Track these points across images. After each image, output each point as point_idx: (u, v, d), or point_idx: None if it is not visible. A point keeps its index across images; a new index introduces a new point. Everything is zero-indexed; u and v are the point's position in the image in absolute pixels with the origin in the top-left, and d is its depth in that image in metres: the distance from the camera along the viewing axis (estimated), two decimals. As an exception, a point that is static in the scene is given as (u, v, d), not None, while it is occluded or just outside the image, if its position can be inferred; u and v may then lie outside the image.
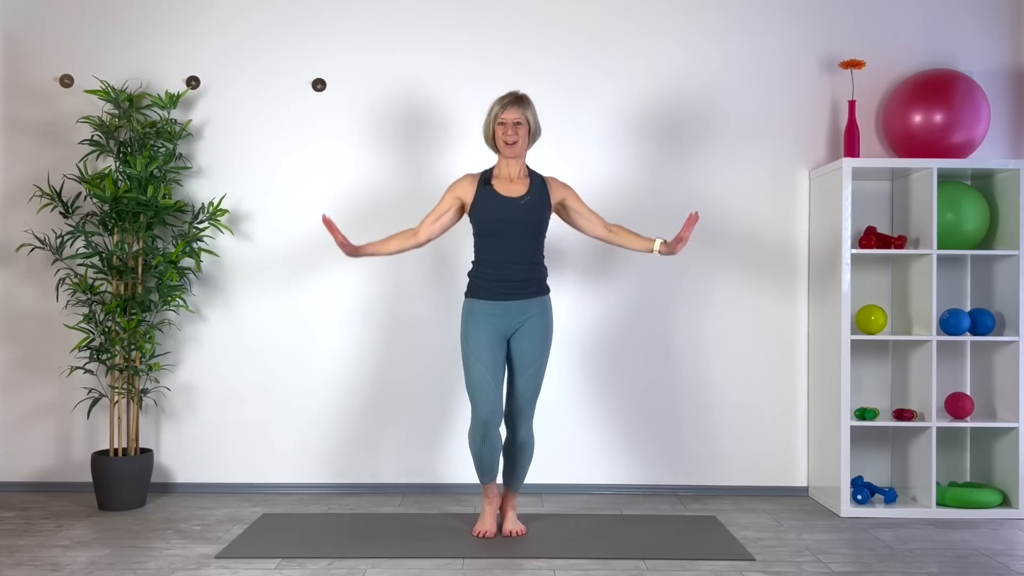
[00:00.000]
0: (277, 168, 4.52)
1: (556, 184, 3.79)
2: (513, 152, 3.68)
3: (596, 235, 3.82)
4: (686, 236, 3.70)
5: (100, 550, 3.59)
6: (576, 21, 4.51)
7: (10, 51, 4.53)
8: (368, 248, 3.79)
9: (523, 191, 3.68)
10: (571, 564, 3.43)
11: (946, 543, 3.74)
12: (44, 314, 4.50)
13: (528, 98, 3.72)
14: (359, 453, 4.52)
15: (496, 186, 3.69)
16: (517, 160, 3.71)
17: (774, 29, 4.54)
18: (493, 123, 3.68)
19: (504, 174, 3.73)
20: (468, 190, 3.73)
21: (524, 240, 3.68)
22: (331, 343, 4.52)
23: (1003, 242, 4.28)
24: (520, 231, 3.66)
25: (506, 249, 3.66)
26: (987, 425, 4.19)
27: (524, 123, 3.67)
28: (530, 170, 3.77)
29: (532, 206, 3.67)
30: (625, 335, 4.53)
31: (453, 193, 3.75)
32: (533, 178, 3.74)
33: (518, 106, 3.66)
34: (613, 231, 3.82)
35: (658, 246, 3.75)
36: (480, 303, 3.69)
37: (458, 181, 3.78)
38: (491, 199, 3.67)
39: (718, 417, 4.52)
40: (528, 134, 3.70)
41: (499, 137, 3.67)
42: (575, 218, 3.81)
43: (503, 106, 3.66)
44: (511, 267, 3.67)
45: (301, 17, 4.53)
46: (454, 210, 3.76)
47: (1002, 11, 4.55)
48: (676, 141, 4.51)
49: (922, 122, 4.28)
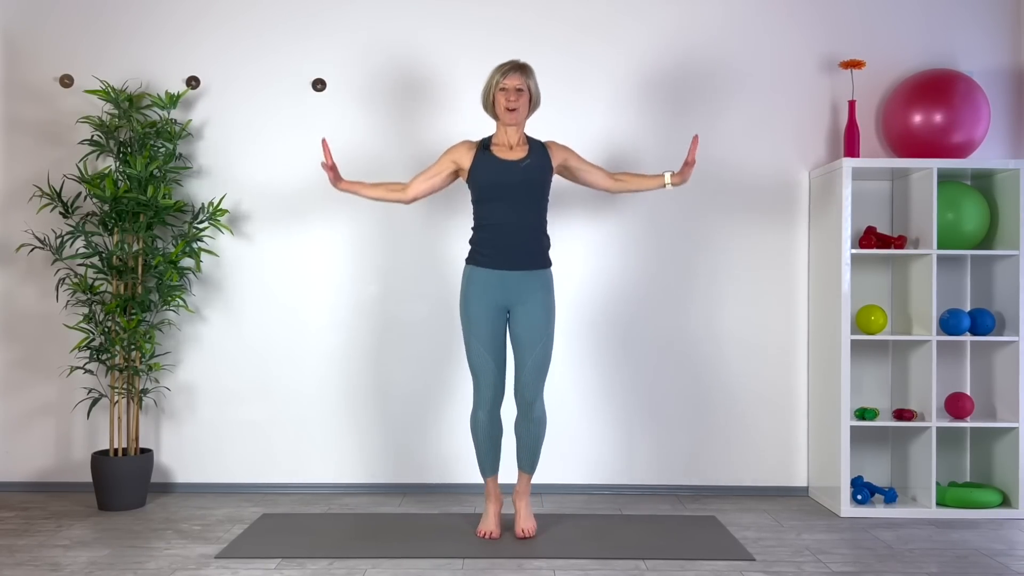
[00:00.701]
0: (277, 168, 4.52)
1: (556, 147, 3.79)
2: (513, 119, 3.66)
3: (604, 187, 3.83)
4: (692, 159, 3.74)
5: (100, 550, 3.59)
6: (574, 16, 4.51)
7: (10, 51, 4.54)
8: (353, 185, 3.79)
9: (523, 155, 3.69)
10: (571, 564, 3.43)
11: (946, 543, 3.74)
12: (44, 314, 4.50)
13: (529, 66, 3.71)
14: (359, 453, 4.52)
15: (495, 152, 3.69)
16: (516, 128, 3.71)
17: (774, 29, 4.54)
18: (494, 89, 3.67)
19: (503, 141, 3.72)
20: (466, 155, 3.72)
21: (525, 204, 3.66)
22: (331, 343, 4.52)
23: (1003, 242, 4.28)
24: (521, 194, 3.65)
25: (507, 213, 3.65)
26: (987, 425, 4.19)
27: (525, 90, 3.67)
28: (529, 137, 3.77)
29: (532, 168, 3.66)
30: (624, 336, 4.52)
31: (449, 156, 3.75)
32: (532, 143, 3.74)
33: (519, 73, 3.66)
34: (619, 179, 3.83)
35: (668, 178, 3.78)
36: (480, 271, 3.68)
37: (456, 146, 3.77)
38: (490, 163, 3.67)
39: (718, 417, 4.52)
40: (529, 102, 3.70)
41: (500, 103, 3.66)
42: (580, 175, 3.81)
43: (504, 73, 3.65)
44: (512, 232, 3.65)
45: (301, 17, 4.53)
46: (447, 173, 3.75)
47: (1002, 11, 4.55)
48: (676, 142, 4.51)
49: (922, 122, 4.28)
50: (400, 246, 4.51)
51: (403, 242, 4.52)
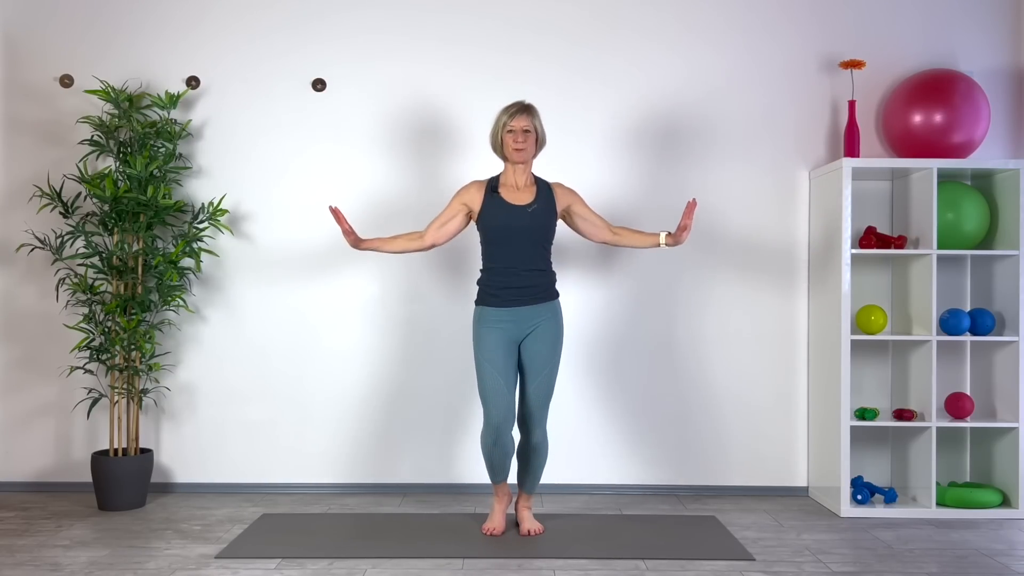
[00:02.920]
0: (277, 168, 4.52)
1: (561, 190, 3.81)
2: (521, 158, 3.70)
3: (602, 239, 3.85)
4: (688, 223, 3.75)
5: (100, 550, 3.59)
6: (574, 26, 4.51)
7: (10, 51, 4.54)
8: (373, 243, 3.79)
9: (530, 199, 3.71)
10: (571, 564, 3.43)
11: (946, 543, 3.74)
12: (44, 314, 4.50)
13: (535, 107, 3.76)
14: (359, 453, 4.52)
15: (503, 194, 3.72)
16: (524, 167, 3.74)
17: (774, 30, 4.54)
18: (502, 131, 3.70)
19: (511, 182, 3.75)
20: (475, 197, 3.75)
21: (531, 248, 3.70)
22: (331, 343, 4.52)
23: (1003, 242, 4.28)
24: (527, 239, 3.68)
25: (513, 257, 3.68)
26: (987, 425, 4.19)
27: (532, 131, 3.70)
28: (536, 177, 3.79)
29: (539, 214, 3.70)
30: (626, 336, 4.53)
31: (460, 199, 3.77)
32: (539, 185, 3.77)
33: (526, 114, 3.70)
34: (618, 233, 3.85)
35: (663, 239, 3.79)
36: (491, 310, 3.71)
37: (465, 188, 3.80)
38: (498, 207, 3.69)
39: (718, 417, 4.52)
40: (535, 142, 3.73)
41: (508, 144, 3.69)
42: (580, 224, 3.83)
43: (511, 115, 3.69)
44: (519, 274, 3.69)
45: (301, 17, 4.53)
46: (461, 216, 3.78)
47: (1002, 11, 4.55)
48: (676, 142, 4.51)
49: (922, 122, 4.28)
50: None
51: (403, 242, 4.52)
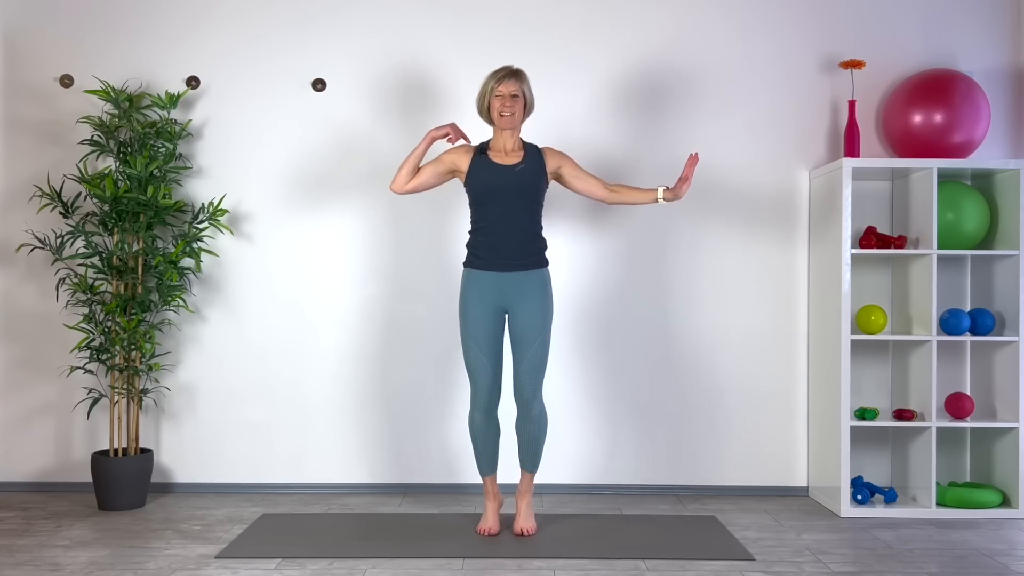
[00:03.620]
0: (277, 168, 4.52)
1: (551, 152, 3.82)
2: (509, 124, 3.70)
3: (598, 196, 3.84)
4: (689, 175, 3.74)
5: (100, 550, 3.59)
6: (571, 21, 4.51)
7: (10, 51, 4.54)
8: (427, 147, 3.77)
9: (518, 160, 3.72)
10: (571, 564, 3.43)
11: (946, 543, 3.74)
12: (44, 314, 4.50)
13: (523, 72, 3.75)
14: (359, 453, 4.52)
15: (491, 156, 3.74)
16: (512, 133, 3.75)
17: (773, 29, 4.54)
18: (489, 95, 3.71)
19: (499, 146, 3.76)
20: (464, 158, 3.77)
21: (520, 207, 3.70)
22: (331, 343, 4.52)
23: (1003, 242, 4.28)
24: (515, 198, 3.68)
25: (502, 216, 3.69)
26: (987, 425, 4.19)
27: (520, 96, 3.70)
28: (524, 142, 3.80)
29: (526, 172, 3.70)
30: (626, 336, 4.52)
31: (450, 156, 3.79)
32: (528, 148, 3.78)
33: (514, 79, 3.69)
34: (614, 190, 3.84)
35: (661, 193, 3.79)
36: (477, 274, 3.72)
37: (454, 148, 3.82)
38: (485, 167, 3.71)
39: (718, 417, 4.52)
40: (524, 107, 3.73)
41: (495, 109, 3.69)
42: (574, 182, 3.82)
43: (499, 79, 3.69)
44: (507, 234, 3.69)
45: (301, 18, 4.53)
46: (445, 172, 3.80)
47: (1002, 11, 4.55)
48: (677, 142, 4.51)
49: (922, 122, 4.28)
50: (401, 246, 4.51)
51: (404, 242, 4.52)
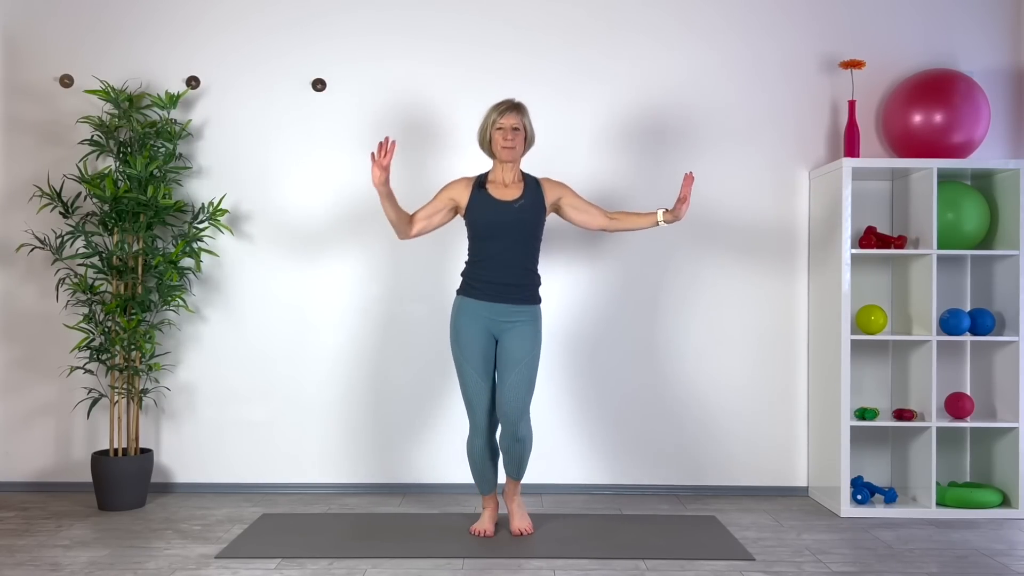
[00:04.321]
0: (277, 168, 4.52)
1: (549, 184, 3.81)
2: (510, 157, 3.70)
3: (599, 226, 3.83)
4: (686, 195, 3.73)
5: (100, 550, 3.59)
6: (574, 25, 4.51)
7: (10, 51, 4.54)
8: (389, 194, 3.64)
9: (517, 194, 3.71)
10: (571, 564, 3.43)
11: (946, 543, 3.74)
12: (44, 314, 4.50)
13: (524, 105, 3.75)
14: (359, 453, 4.52)
15: (490, 190, 3.73)
16: (512, 165, 3.74)
17: (774, 29, 4.54)
18: (491, 128, 3.70)
19: (499, 179, 3.75)
20: (463, 193, 3.75)
21: (518, 244, 3.70)
22: (331, 343, 4.52)
23: (1003, 242, 4.28)
24: (514, 234, 3.68)
25: (500, 252, 3.68)
26: (987, 425, 4.19)
27: (521, 129, 3.71)
28: (524, 174, 3.80)
29: (525, 208, 3.70)
30: (625, 335, 4.52)
31: (448, 194, 3.77)
32: (527, 181, 3.77)
33: (516, 112, 3.70)
34: (615, 218, 3.84)
35: (661, 216, 3.78)
36: (470, 302, 3.72)
37: (453, 183, 3.80)
38: (485, 203, 3.70)
39: (718, 417, 4.52)
40: (524, 140, 3.73)
41: (497, 142, 3.69)
42: (574, 214, 3.82)
43: (501, 112, 3.69)
44: (504, 271, 3.69)
45: (301, 18, 4.53)
46: (447, 211, 3.78)
47: (1002, 11, 4.55)
48: (676, 142, 4.51)
49: (922, 122, 4.28)
50: (401, 247, 4.51)
51: (404, 243, 4.51)
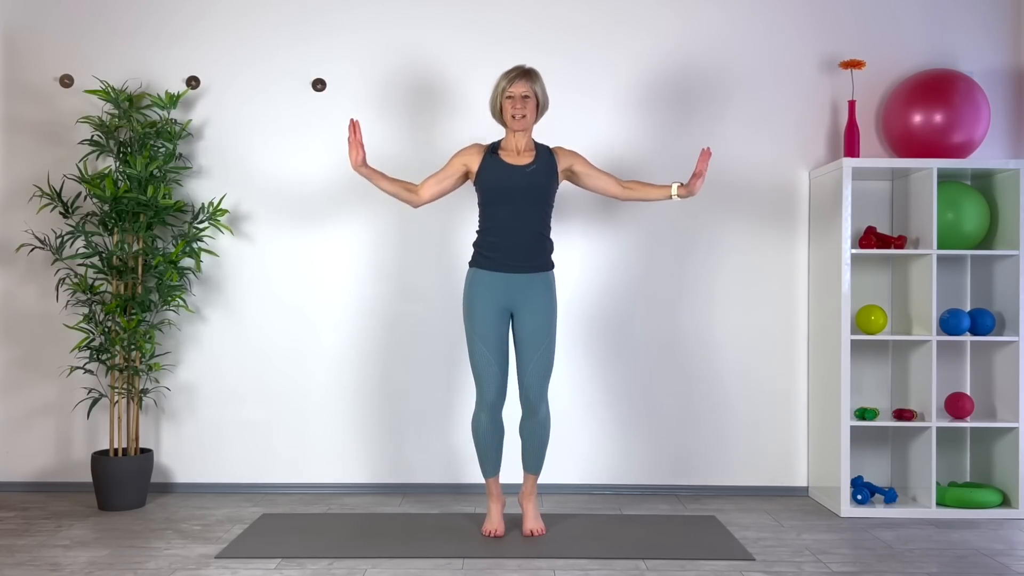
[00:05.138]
0: (277, 168, 4.52)
1: (562, 152, 3.80)
2: (521, 125, 3.68)
3: (612, 193, 3.82)
4: (702, 170, 3.71)
5: (100, 550, 3.59)
6: (576, 21, 4.51)
7: (10, 51, 4.54)
8: (372, 172, 3.71)
9: (529, 160, 3.70)
10: (571, 564, 3.43)
11: (946, 543, 3.74)
12: (44, 314, 4.50)
13: (536, 71, 3.71)
14: (359, 453, 4.52)
15: (503, 156, 3.71)
16: (524, 133, 3.72)
17: (774, 29, 4.54)
18: (501, 97, 3.68)
19: (511, 146, 3.74)
20: (475, 158, 3.73)
21: (530, 208, 3.67)
22: (331, 343, 4.52)
23: (1003, 242, 4.28)
24: (525, 198, 3.66)
25: (511, 217, 3.66)
26: (987, 425, 4.19)
27: (532, 96, 3.67)
28: (536, 143, 3.78)
29: (538, 173, 3.68)
30: (625, 336, 4.53)
31: (459, 159, 3.76)
32: (539, 149, 3.76)
33: (526, 79, 3.66)
34: (628, 187, 3.83)
35: (675, 190, 3.77)
36: (483, 273, 3.69)
37: (465, 148, 3.79)
38: (497, 167, 3.68)
39: (718, 417, 4.52)
40: (536, 107, 3.70)
41: (507, 111, 3.67)
42: (587, 180, 3.81)
43: (511, 80, 3.66)
44: (516, 235, 3.67)
45: (301, 17, 4.53)
46: (458, 176, 3.76)
47: (1002, 11, 4.55)
48: (677, 142, 4.51)
49: (922, 122, 4.28)
50: (402, 246, 4.51)
51: (405, 242, 4.52)
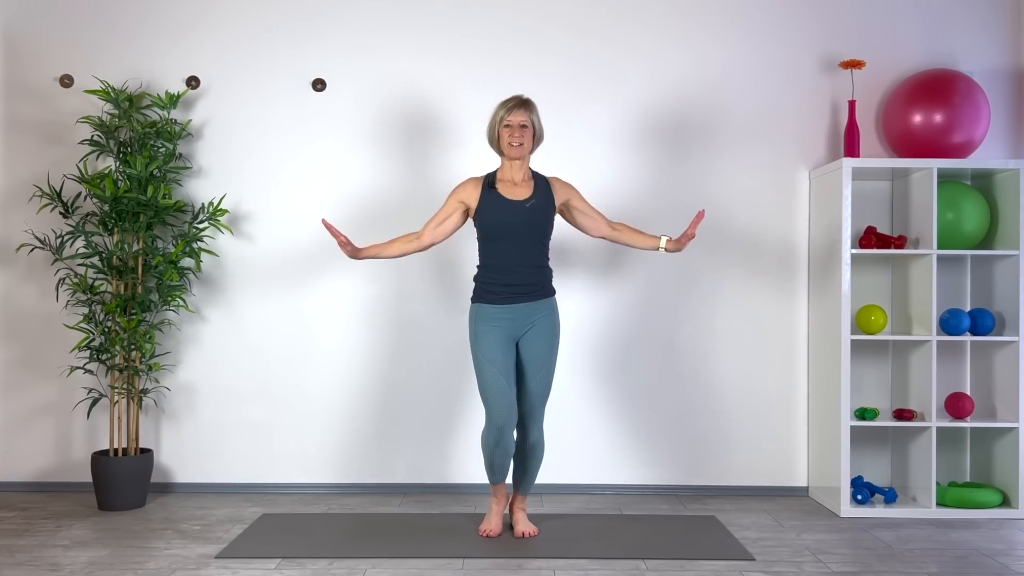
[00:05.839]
0: (277, 168, 4.52)
1: (559, 184, 3.79)
2: (518, 154, 3.67)
3: (600, 234, 3.83)
4: (693, 233, 3.73)
5: (100, 550, 3.59)
6: (576, 22, 4.51)
7: (10, 51, 4.54)
8: (370, 250, 3.79)
9: (528, 194, 3.68)
10: (571, 564, 3.43)
11: (946, 543, 3.74)
12: (44, 314, 4.50)
13: (532, 102, 3.72)
14: (359, 453, 4.52)
15: (500, 190, 3.69)
16: (521, 163, 3.71)
17: (774, 29, 4.54)
18: (498, 126, 3.68)
19: (508, 177, 3.72)
20: (472, 194, 3.72)
21: (530, 243, 3.67)
22: (331, 343, 4.52)
23: (1003, 242, 4.28)
24: (526, 234, 3.66)
25: (512, 253, 3.66)
26: (987, 425, 4.19)
27: (529, 126, 3.67)
28: (533, 172, 3.77)
29: (537, 209, 3.67)
30: (626, 336, 4.52)
31: (457, 197, 3.74)
32: (537, 180, 3.74)
33: (524, 109, 3.67)
34: (617, 229, 3.83)
35: (664, 243, 3.77)
36: (488, 307, 3.68)
37: (461, 185, 3.77)
38: (496, 203, 3.67)
39: (718, 417, 4.52)
40: (533, 137, 3.70)
41: (505, 140, 3.67)
42: (579, 218, 3.81)
43: (508, 109, 3.66)
44: (517, 271, 3.67)
45: (301, 17, 4.53)
46: (458, 214, 3.75)
47: (1002, 11, 4.55)
48: (677, 142, 4.51)
49: (922, 122, 4.28)
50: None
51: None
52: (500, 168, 3.76)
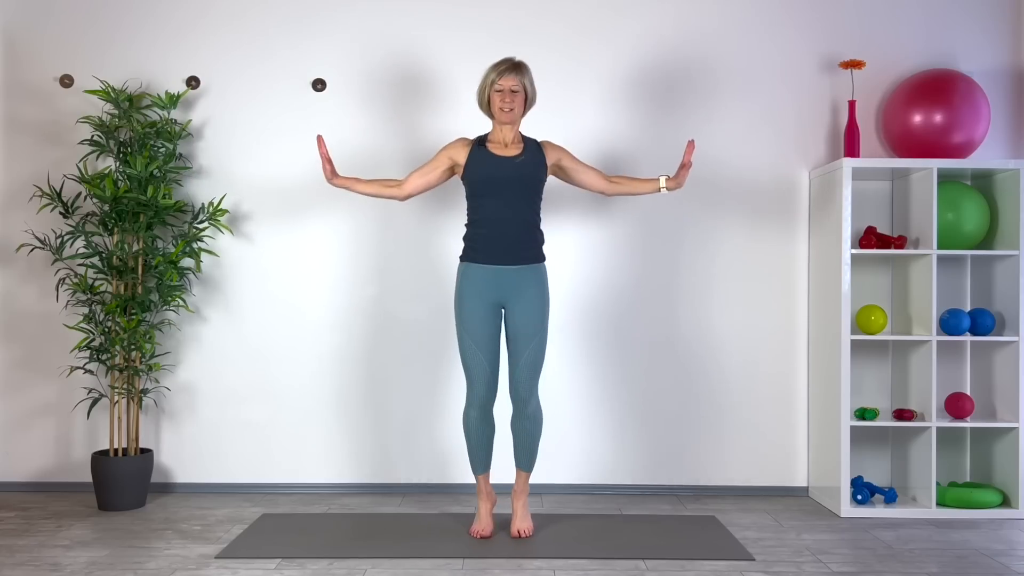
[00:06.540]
0: (277, 168, 4.52)
1: (550, 146, 3.80)
2: (509, 118, 3.67)
3: (598, 188, 3.83)
4: (688, 162, 3.73)
5: (100, 550, 3.59)
6: (570, 16, 4.51)
7: (10, 51, 4.54)
8: (348, 181, 3.77)
9: (517, 152, 3.70)
10: (571, 564, 3.43)
11: (946, 543, 3.74)
12: (44, 314, 4.50)
13: (525, 64, 3.71)
14: (359, 453, 4.52)
15: (490, 148, 3.71)
16: (512, 126, 3.72)
17: (774, 29, 4.54)
18: (489, 89, 3.67)
19: (498, 139, 3.73)
20: (462, 152, 3.73)
21: (519, 199, 3.67)
22: (330, 343, 4.52)
23: (1003, 242, 4.28)
24: (514, 189, 3.66)
25: (501, 208, 3.65)
26: (987, 425, 4.19)
27: (520, 91, 3.66)
28: (524, 136, 3.78)
29: (526, 164, 3.68)
30: (624, 336, 4.52)
31: (446, 153, 3.76)
32: (527, 142, 3.76)
33: (515, 73, 3.65)
34: (615, 181, 3.84)
35: (664, 183, 3.78)
36: (474, 267, 3.68)
37: (452, 143, 3.78)
38: (484, 158, 3.68)
39: (718, 417, 4.52)
40: (524, 101, 3.70)
41: (495, 104, 3.66)
42: (574, 175, 3.81)
43: (500, 73, 3.64)
44: (506, 227, 3.66)
45: (301, 17, 4.52)
46: (444, 169, 3.76)
47: (1002, 11, 4.55)
48: (675, 144, 4.50)
49: (922, 122, 4.28)
50: (398, 246, 4.51)
51: (401, 242, 4.52)
52: (491, 131, 3.76)
